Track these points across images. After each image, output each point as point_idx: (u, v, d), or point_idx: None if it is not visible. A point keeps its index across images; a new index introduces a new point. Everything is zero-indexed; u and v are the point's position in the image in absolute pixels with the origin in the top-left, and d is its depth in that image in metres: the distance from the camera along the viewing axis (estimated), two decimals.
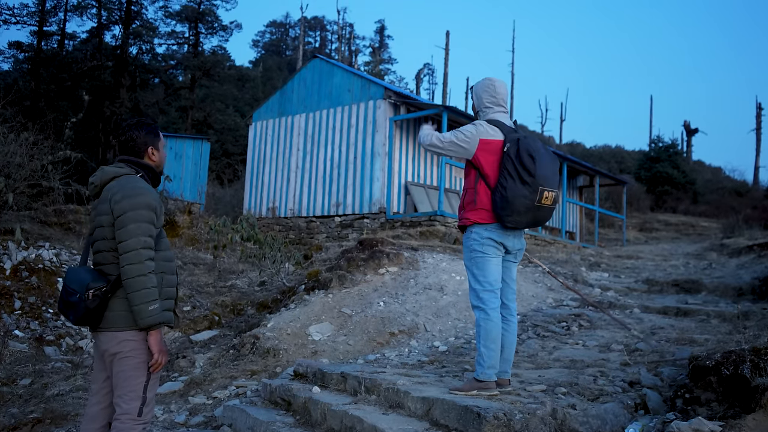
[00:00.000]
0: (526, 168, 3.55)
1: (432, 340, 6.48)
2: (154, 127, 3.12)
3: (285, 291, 8.97)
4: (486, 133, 3.75)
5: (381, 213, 13.36)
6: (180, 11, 30.06)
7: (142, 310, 2.75)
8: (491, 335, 3.64)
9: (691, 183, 29.40)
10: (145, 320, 2.76)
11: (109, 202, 2.86)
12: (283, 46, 56.52)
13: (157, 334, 2.83)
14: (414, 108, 13.97)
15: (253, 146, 16.56)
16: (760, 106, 37.25)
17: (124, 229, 2.78)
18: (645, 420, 3.41)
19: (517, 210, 3.57)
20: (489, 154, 3.72)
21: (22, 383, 6.16)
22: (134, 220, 2.79)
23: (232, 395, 5.47)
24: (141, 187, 2.89)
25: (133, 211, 2.80)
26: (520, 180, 3.55)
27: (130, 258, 2.75)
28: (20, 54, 26.81)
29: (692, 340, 5.37)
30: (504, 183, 3.59)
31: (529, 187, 3.55)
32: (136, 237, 2.77)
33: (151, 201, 2.88)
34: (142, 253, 2.77)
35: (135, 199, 2.82)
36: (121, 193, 2.84)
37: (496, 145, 3.71)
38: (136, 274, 2.74)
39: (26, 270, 8.77)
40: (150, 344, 2.82)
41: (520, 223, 3.64)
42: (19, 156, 10.25)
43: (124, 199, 2.82)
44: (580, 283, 8.85)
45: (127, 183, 2.90)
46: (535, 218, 3.65)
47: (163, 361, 2.86)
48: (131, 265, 2.75)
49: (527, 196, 3.55)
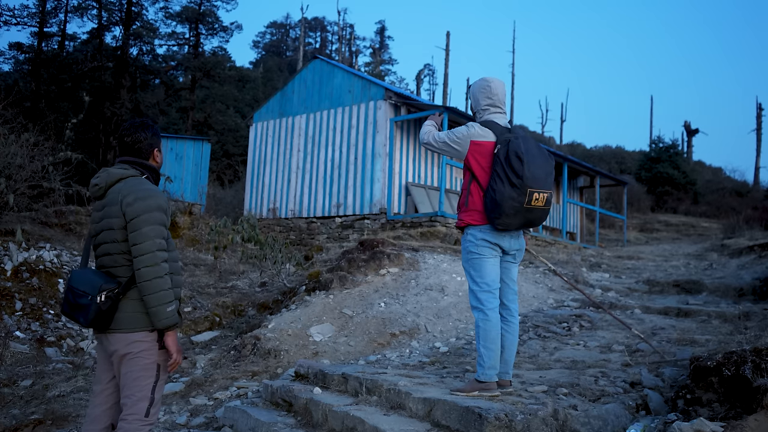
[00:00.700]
0: (514, 170, 3.53)
1: (433, 340, 6.48)
2: (156, 128, 3.13)
3: (286, 292, 8.98)
4: (477, 135, 3.74)
5: (382, 214, 13.36)
6: (180, 12, 30.08)
7: (160, 311, 2.76)
8: (490, 336, 3.64)
9: (691, 183, 29.38)
10: (162, 321, 2.78)
11: (120, 204, 2.85)
12: (284, 47, 56.54)
13: (174, 334, 2.85)
14: (414, 109, 13.97)
15: (254, 147, 16.56)
16: (760, 107, 37.23)
17: (139, 232, 2.78)
18: (646, 421, 3.41)
19: (505, 212, 3.56)
20: (481, 155, 3.72)
21: (23, 384, 6.16)
22: (148, 222, 2.80)
23: (233, 396, 5.47)
24: (152, 189, 2.90)
25: (146, 214, 2.81)
26: (508, 182, 3.54)
27: (146, 260, 2.76)
28: (21, 55, 26.86)
29: (693, 340, 5.36)
30: (493, 185, 3.59)
31: (518, 190, 3.53)
32: (151, 239, 2.78)
33: (162, 203, 2.89)
34: (158, 255, 2.78)
35: (147, 201, 2.83)
36: (132, 195, 2.84)
37: (488, 146, 3.71)
38: (153, 276, 2.75)
39: (27, 271, 8.77)
40: (167, 344, 2.84)
41: (511, 225, 3.63)
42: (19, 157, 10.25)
43: (136, 201, 2.82)
44: (581, 283, 8.85)
45: (138, 185, 2.90)
46: (526, 220, 3.64)
47: (180, 361, 2.89)
48: (147, 267, 2.76)
49: (515, 198, 3.53)
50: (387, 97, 13.75)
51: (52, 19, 26.28)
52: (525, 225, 3.69)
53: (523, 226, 3.70)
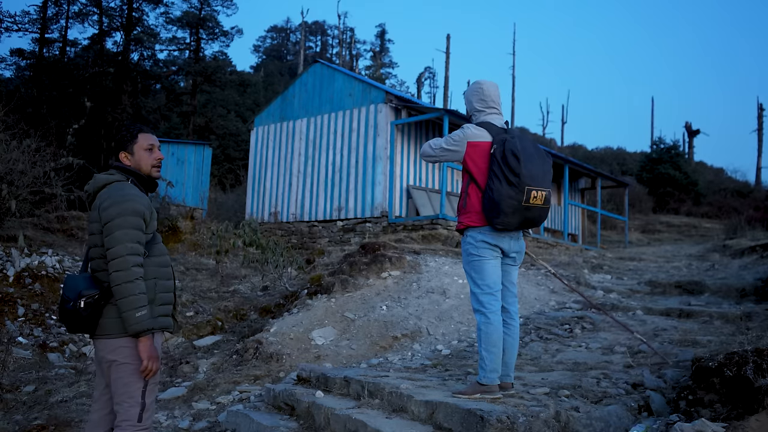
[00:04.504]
0: (511, 168, 3.53)
1: (435, 343, 6.48)
2: (131, 129, 3.06)
3: (288, 296, 8.98)
4: (473, 136, 3.75)
5: (383, 217, 13.37)
6: (181, 17, 30.16)
7: (130, 316, 2.75)
8: (492, 338, 3.64)
9: (693, 184, 29.34)
10: (132, 327, 2.76)
11: (98, 209, 2.87)
12: (284, 51, 56.64)
13: (147, 340, 2.81)
14: (415, 112, 13.98)
15: (255, 151, 16.59)
16: (761, 107, 37.22)
17: (111, 236, 2.79)
18: (648, 422, 3.41)
19: (504, 211, 3.55)
20: (477, 156, 3.72)
21: (26, 390, 6.17)
22: (120, 226, 2.79)
23: (235, 400, 5.47)
24: (128, 194, 2.88)
25: (120, 218, 2.80)
26: (506, 181, 3.54)
27: (117, 265, 2.76)
28: (22, 61, 26.92)
29: (695, 341, 5.36)
30: (491, 185, 3.59)
31: (515, 188, 3.52)
32: (122, 243, 2.77)
33: (139, 207, 2.86)
34: (129, 259, 2.77)
35: (122, 205, 2.82)
36: (109, 200, 2.85)
37: (484, 147, 3.71)
38: (122, 281, 2.75)
39: (29, 277, 8.79)
40: (139, 351, 2.81)
41: (510, 224, 3.61)
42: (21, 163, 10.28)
43: (111, 206, 2.83)
44: (583, 285, 8.85)
45: (116, 190, 2.90)
46: (525, 219, 3.62)
47: (154, 368, 2.83)
48: (118, 272, 2.75)
49: (513, 196, 3.53)
50: (387, 101, 13.77)
51: (53, 25, 26.36)
52: (524, 224, 3.67)
53: (522, 226, 3.69)
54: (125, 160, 3.04)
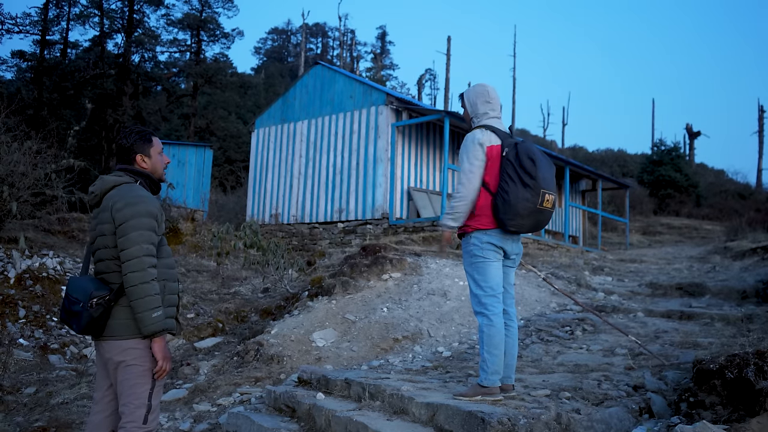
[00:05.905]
0: (527, 171, 3.55)
1: (436, 345, 6.48)
2: (144, 133, 3.08)
3: (288, 297, 8.98)
4: (487, 141, 3.75)
5: (384, 219, 13.37)
6: (182, 19, 30.21)
7: (146, 317, 2.75)
8: (494, 341, 3.64)
9: (693, 186, 29.35)
10: (148, 327, 2.77)
11: (110, 210, 2.86)
12: (285, 53, 56.72)
13: (161, 341, 2.83)
14: (416, 113, 13.99)
15: (256, 153, 16.60)
16: (762, 109, 37.25)
17: (126, 237, 2.79)
18: (650, 424, 3.41)
19: (519, 213, 3.57)
20: (488, 159, 3.72)
21: (27, 392, 6.17)
22: (136, 228, 2.79)
23: (236, 402, 5.47)
24: (141, 195, 2.89)
25: (134, 219, 2.80)
26: (521, 183, 3.55)
27: (133, 266, 2.76)
28: (23, 63, 26.97)
29: (696, 343, 5.36)
30: (505, 187, 3.59)
31: (531, 190, 3.55)
32: (138, 245, 2.78)
33: (152, 208, 2.88)
34: (145, 260, 2.77)
35: (136, 207, 2.83)
36: (122, 201, 2.85)
37: (495, 150, 3.72)
38: (138, 282, 2.75)
39: (30, 278, 8.79)
40: (154, 351, 2.82)
41: (523, 226, 3.63)
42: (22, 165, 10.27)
43: (125, 207, 2.82)
44: (584, 287, 8.85)
45: (128, 191, 2.90)
46: (537, 221, 3.65)
47: (168, 368, 2.87)
48: (134, 272, 2.75)
49: (529, 199, 3.55)
50: (388, 102, 13.78)
51: (54, 27, 26.42)
52: (534, 227, 3.70)
53: (532, 228, 3.71)
54: (142, 162, 3.05)
